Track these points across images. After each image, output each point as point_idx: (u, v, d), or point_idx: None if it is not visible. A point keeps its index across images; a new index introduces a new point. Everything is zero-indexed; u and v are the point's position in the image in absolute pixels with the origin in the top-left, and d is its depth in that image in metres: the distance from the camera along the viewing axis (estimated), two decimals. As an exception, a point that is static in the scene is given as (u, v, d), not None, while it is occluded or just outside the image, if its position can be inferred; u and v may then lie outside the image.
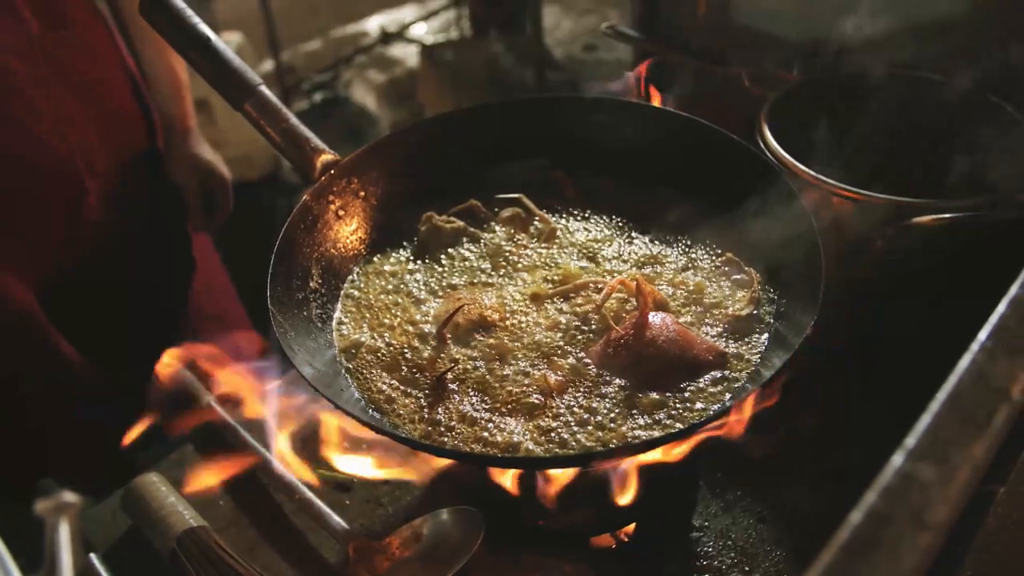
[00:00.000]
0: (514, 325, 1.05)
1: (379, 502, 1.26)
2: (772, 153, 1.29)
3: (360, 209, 1.20)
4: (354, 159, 1.18)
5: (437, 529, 1.12)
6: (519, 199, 1.21)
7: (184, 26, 1.19)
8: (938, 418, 0.57)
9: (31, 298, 1.54)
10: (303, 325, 1.05)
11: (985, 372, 0.60)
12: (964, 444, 0.55)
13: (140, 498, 1.25)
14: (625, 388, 0.96)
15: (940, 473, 0.53)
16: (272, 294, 1.00)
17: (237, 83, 1.19)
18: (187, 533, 1.17)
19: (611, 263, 1.14)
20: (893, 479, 0.53)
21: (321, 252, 1.14)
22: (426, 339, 1.05)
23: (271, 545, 1.22)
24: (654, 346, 0.96)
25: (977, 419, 0.57)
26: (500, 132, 1.27)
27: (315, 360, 1.01)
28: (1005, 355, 0.62)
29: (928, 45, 1.45)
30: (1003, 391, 0.59)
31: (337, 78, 4.39)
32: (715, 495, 1.20)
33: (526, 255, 1.16)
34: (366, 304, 1.12)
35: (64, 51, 1.56)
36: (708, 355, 0.97)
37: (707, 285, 1.09)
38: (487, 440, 0.93)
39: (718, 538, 1.15)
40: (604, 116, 1.26)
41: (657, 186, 1.22)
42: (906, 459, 0.54)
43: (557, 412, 0.95)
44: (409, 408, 0.98)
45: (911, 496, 0.52)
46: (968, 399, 0.58)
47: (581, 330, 1.04)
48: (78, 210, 1.59)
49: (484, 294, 1.10)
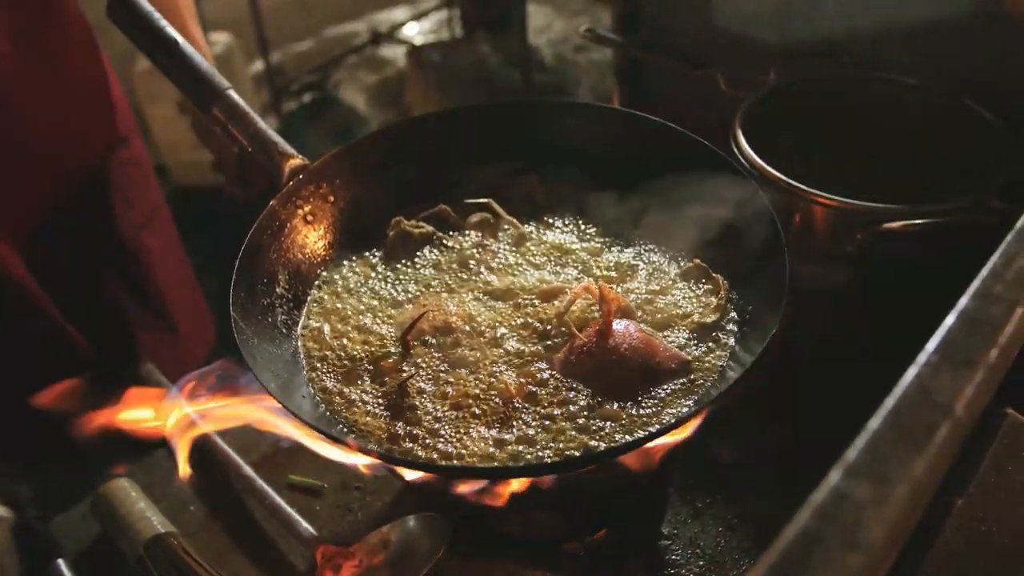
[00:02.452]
0: (478, 331, 1.04)
1: (349, 508, 1.25)
2: (745, 157, 1.28)
3: (329, 214, 1.19)
4: (323, 164, 1.18)
5: (404, 536, 1.12)
6: (488, 204, 1.20)
7: (151, 29, 1.19)
8: (877, 434, 0.56)
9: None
10: (267, 332, 1.04)
11: (929, 386, 0.60)
12: (902, 461, 0.54)
13: (109, 503, 1.24)
14: (587, 396, 0.96)
15: (876, 492, 0.52)
16: (235, 300, 1.00)
17: (205, 87, 1.19)
18: (155, 539, 1.17)
19: (579, 268, 1.13)
20: (827, 497, 0.52)
21: (288, 258, 1.13)
22: (391, 345, 1.05)
23: (241, 551, 1.22)
24: (617, 353, 0.95)
25: (917, 436, 0.56)
26: (472, 136, 1.26)
27: (277, 367, 1.00)
28: (950, 369, 0.61)
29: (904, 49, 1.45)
30: (946, 406, 0.58)
31: (327, 79, 4.38)
32: (685, 502, 1.20)
33: (494, 261, 1.15)
34: (332, 310, 1.12)
35: (49, 40, 1.59)
36: (671, 363, 0.96)
37: (674, 292, 1.08)
38: (447, 449, 0.93)
39: (687, 546, 1.14)
40: (576, 120, 1.25)
41: (628, 191, 1.21)
42: (842, 476, 0.53)
43: (519, 420, 0.94)
44: (370, 416, 0.97)
45: (843, 515, 0.51)
46: (909, 415, 0.57)
47: (546, 337, 1.03)
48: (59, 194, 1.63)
49: (450, 300, 1.09)
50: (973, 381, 0.60)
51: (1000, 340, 0.64)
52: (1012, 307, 0.67)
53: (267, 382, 0.91)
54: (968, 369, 0.61)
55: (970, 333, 0.65)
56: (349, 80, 4.35)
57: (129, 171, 1.80)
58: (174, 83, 1.20)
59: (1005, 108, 1.31)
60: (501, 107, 1.27)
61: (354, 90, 4.26)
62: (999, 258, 0.72)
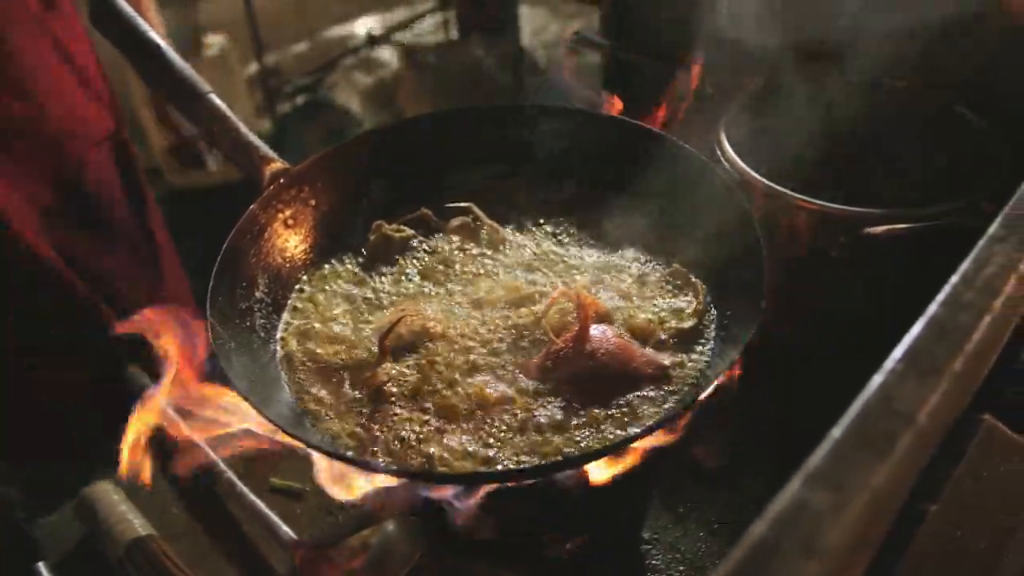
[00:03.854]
0: (457, 336, 1.04)
1: (331, 511, 1.25)
2: (728, 161, 1.28)
3: (310, 218, 1.19)
4: (304, 168, 1.17)
5: (384, 540, 1.12)
6: (469, 208, 1.20)
7: (134, 34, 1.19)
8: (838, 443, 0.56)
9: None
10: (245, 336, 1.04)
11: (892, 395, 0.59)
12: (863, 470, 0.54)
13: (92, 506, 1.24)
14: (564, 401, 0.95)
15: (835, 500, 0.52)
16: (212, 305, 0.99)
17: (188, 90, 1.19)
18: (136, 542, 1.17)
19: (559, 272, 1.13)
20: (785, 505, 0.52)
21: (268, 262, 1.13)
22: (369, 350, 1.05)
23: (221, 554, 1.22)
24: (593, 359, 0.95)
25: (878, 444, 0.56)
26: (454, 140, 1.26)
27: (255, 371, 1.00)
28: (915, 377, 0.61)
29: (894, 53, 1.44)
30: (909, 416, 0.58)
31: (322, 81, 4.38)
32: (667, 507, 1.19)
33: (473, 264, 1.15)
34: (311, 314, 1.11)
35: (56, 28, 1.68)
36: (648, 368, 0.96)
37: (654, 296, 1.08)
38: (422, 453, 0.92)
39: (667, 551, 1.14)
40: (559, 124, 1.25)
41: (609, 194, 1.21)
42: (801, 484, 0.53)
43: (494, 425, 0.94)
44: (346, 421, 0.97)
45: (801, 523, 0.51)
46: (871, 423, 0.57)
47: (524, 341, 1.03)
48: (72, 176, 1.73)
49: (429, 304, 1.09)
50: (938, 390, 0.60)
51: (967, 348, 0.64)
52: (981, 314, 0.67)
53: (242, 387, 0.91)
54: (933, 377, 0.61)
55: (937, 341, 0.64)
56: (344, 82, 4.35)
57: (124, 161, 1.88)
58: (156, 87, 1.20)
59: (994, 112, 1.31)
60: (483, 111, 1.26)
61: (349, 92, 4.26)
62: (970, 264, 0.72)
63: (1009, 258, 0.72)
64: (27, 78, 1.62)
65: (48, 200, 1.69)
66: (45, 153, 1.68)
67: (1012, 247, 0.73)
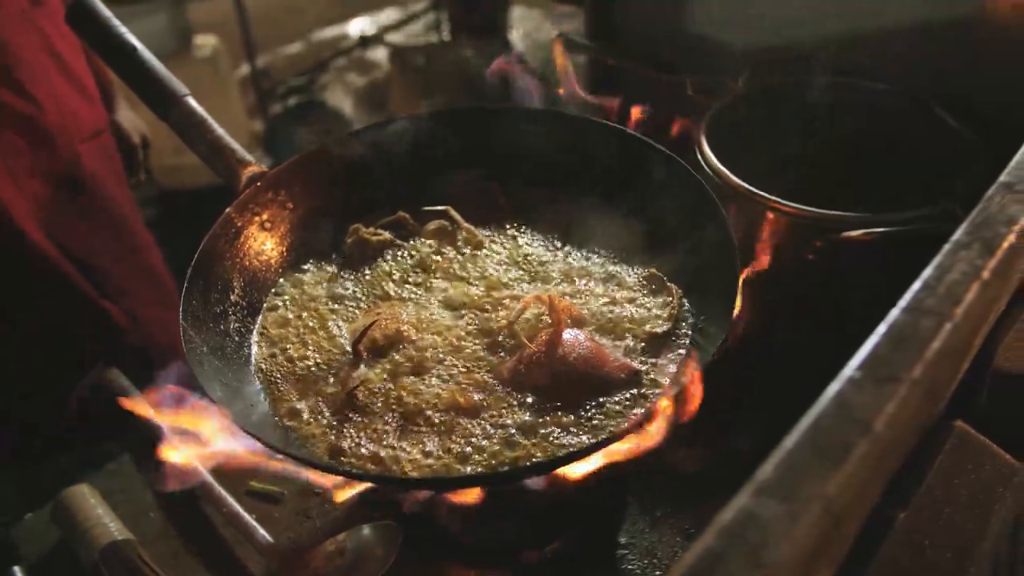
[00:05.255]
0: (430, 340, 1.04)
1: (308, 514, 1.25)
2: (708, 164, 1.27)
3: (287, 221, 1.18)
4: (281, 171, 1.17)
5: (359, 544, 1.11)
6: (446, 211, 1.20)
7: (110, 35, 1.18)
8: (791, 452, 0.56)
9: None
10: (218, 339, 1.03)
11: (849, 403, 0.59)
12: (815, 480, 0.54)
13: (68, 510, 1.24)
14: (535, 406, 0.95)
15: (785, 510, 0.52)
16: (186, 308, 0.99)
17: (164, 93, 1.18)
18: (111, 546, 1.16)
19: (535, 276, 1.13)
20: (734, 516, 0.52)
21: (244, 265, 1.13)
22: (343, 353, 1.04)
23: (198, 558, 1.21)
24: (565, 363, 0.95)
25: (832, 454, 0.55)
26: (433, 143, 1.25)
27: (227, 375, 0.99)
28: (872, 385, 0.61)
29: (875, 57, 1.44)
30: (865, 424, 0.57)
31: (314, 82, 4.37)
32: (644, 511, 1.19)
33: (450, 268, 1.15)
34: (286, 317, 1.11)
35: (44, 24, 1.70)
36: (620, 372, 0.96)
37: (629, 300, 1.08)
38: (395, 459, 0.92)
39: (643, 555, 1.13)
40: (538, 126, 1.25)
41: (587, 198, 1.21)
42: (751, 495, 0.53)
43: (466, 430, 0.94)
44: (319, 425, 0.97)
45: (749, 534, 0.50)
46: (826, 432, 0.57)
47: (497, 346, 1.03)
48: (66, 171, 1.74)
49: (404, 308, 1.09)
50: (896, 398, 0.60)
51: (927, 355, 0.64)
52: (941, 321, 0.66)
53: (214, 391, 0.91)
54: (892, 385, 0.61)
55: (896, 348, 0.64)
56: (337, 83, 4.34)
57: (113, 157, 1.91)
58: (133, 89, 1.19)
59: (974, 117, 1.30)
60: (461, 113, 1.26)
61: (341, 93, 4.26)
62: (932, 271, 0.72)
63: (972, 265, 0.71)
64: (17, 70, 1.63)
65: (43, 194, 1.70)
66: (39, 147, 1.69)
67: (976, 254, 0.73)
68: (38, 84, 1.66)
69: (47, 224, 1.69)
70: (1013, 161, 0.87)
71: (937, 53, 1.39)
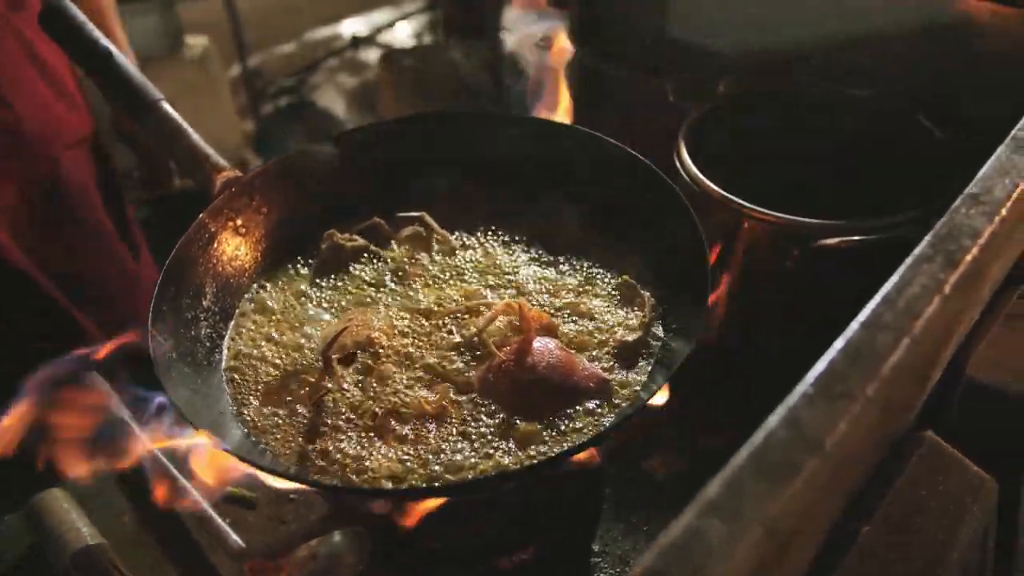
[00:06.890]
0: (401, 347, 1.03)
1: (283, 520, 1.24)
2: (686, 171, 1.27)
3: (261, 226, 1.18)
4: (255, 176, 1.17)
5: (330, 550, 1.11)
6: (421, 217, 1.19)
7: (84, 39, 1.18)
8: (738, 470, 0.55)
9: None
10: (188, 346, 1.03)
11: (800, 420, 0.59)
12: (760, 499, 0.53)
13: (41, 514, 1.23)
14: (503, 415, 0.95)
15: (729, 530, 0.51)
16: (155, 315, 0.98)
17: (139, 98, 1.18)
18: (83, 551, 1.16)
19: (508, 283, 1.12)
20: (678, 535, 0.51)
21: (217, 270, 1.12)
22: (314, 359, 1.04)
23: (171, 563, 1.21)
24: (535, 372, 0.94)
25: (780, 473, 0.55)
26: (410, 148, 1.25)
27: (196, 382, 0.99)
28: (825, 402, 0.60)
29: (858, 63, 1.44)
30: (816, 442, 0.57)
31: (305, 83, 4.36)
32: (618, 518, 1.19)
33: (424, 274, 1.14)
34: (258, 323, 1.10)
35: (24, 28, 1.66)
36: (589, 382, 0.95)
37: (601, 309, 1.07)
38: (362, 468, 0.92)
39: (616, 563, 1.13)
40: (516, 132, 1.24)
41: (563, 204, 1.20)
42: (696, 514, 0.53)
43: (433, 439, 0.94)
44: (286, 434, 0.96)
45: (693, 554, 0.50)
46: (775, 451, 0.56)
47: (468, 354, 1.02)
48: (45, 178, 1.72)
49: (376, 314, 1.08)
50: (848, 415, 0.59)
51: (883, 372, 0.63)
52: (900, 336, 0.66)
53: (180, 397, 0.90)
54: (844, 402, 0.60)
55: (852, 364, 0.63)
56: (328, 84, 4.33)
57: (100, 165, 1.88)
58: (107, 94, 1.19)
59: (957, 125, 1.30)
60: (439, 118, 1.26)
61: (333, 94, 4.25)
62: (892, 285, 0.71)
63: (934, 278, 0.71)
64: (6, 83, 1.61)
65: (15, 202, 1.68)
66: (16, 155, 1.66)
67: (938, 267, 0.72)
68: (17, 91, 1.64)
69: (20, 232, 1.66)
70: (980, 172, 0.86)
71: (920, 60, 1.38)
